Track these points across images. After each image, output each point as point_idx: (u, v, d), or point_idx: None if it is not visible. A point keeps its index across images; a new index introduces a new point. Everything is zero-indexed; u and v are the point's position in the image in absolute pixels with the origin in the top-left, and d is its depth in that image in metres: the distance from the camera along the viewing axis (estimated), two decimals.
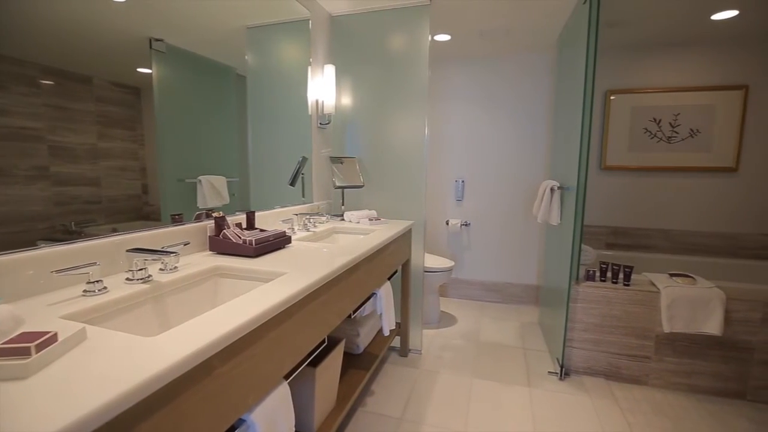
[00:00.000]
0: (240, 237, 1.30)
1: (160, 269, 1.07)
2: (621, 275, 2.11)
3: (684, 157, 2.82)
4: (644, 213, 2.97)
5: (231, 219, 1.47)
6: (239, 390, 0.77)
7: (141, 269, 0.98)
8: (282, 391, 0.95)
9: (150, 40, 1.18)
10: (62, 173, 0.96)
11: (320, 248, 1.45)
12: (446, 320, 2.97)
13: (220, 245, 1.32)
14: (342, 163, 2.28)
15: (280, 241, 1.43)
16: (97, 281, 0.88)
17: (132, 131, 1.15)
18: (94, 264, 0.88)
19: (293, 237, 1.67)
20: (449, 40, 2.78)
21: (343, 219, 2.21)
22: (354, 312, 1.51)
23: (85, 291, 0.87)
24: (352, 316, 1.51)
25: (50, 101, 0.92)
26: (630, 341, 2.07)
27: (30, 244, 0.88)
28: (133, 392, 0.52)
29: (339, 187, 2.24)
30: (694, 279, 2.03)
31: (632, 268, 2.10)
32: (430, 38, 2.22)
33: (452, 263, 2.85)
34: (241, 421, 0.84)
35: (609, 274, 2.15)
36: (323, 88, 2.22)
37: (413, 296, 2.41)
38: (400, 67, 2.26)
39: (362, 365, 1.90)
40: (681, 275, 2.07)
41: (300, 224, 1.89)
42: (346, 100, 2.40)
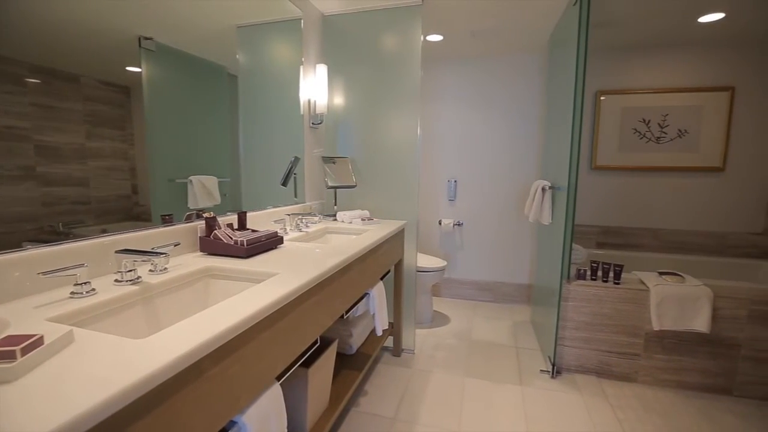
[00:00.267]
0: (231, 237, 1.29)
1: (150, 270, 1.06)
2: (611, 274, 2.14)
3: (672, 157, 2.87)
4: (634, 212, 3.01)
5: (222, 219, 1.46)
6: (231, 391, 0.77)
7: (130, 270, 0.97)
8: (274, 392, 0.94)
9: (139, 39, 1.17)
10: (49, 173, 0.94)
11: (313, 248, 1.44)
12: (439, 320, 2.98)
13: (211, 246, 1.30)
14: (334, 163, 2.27)
15: (272, 242, 1.42)
16: (85, 283, 0.87)
17: (121, 131, 1.13)
18: (82, 265, 0.87)
19: (285, 237, 1.66)
20: (441, 41, 2.79)
21: (336, 219, 2.21)
22: (347, 312, 1.50)
23: (73, 293, 0.86)
24: (345, 317, 1.51)
25: (37, 100, 0.91)
26: (620, 339, 2.10)
27: (16, 246, 0.86)
28: (122, 395, 0.51)
29: (331, 187, 2.24)
30: (683, 277, 2.06)
31: (622, 267, 2.12)
32: (423, 38, 2.22)
33: (445, 263, 2.86)
34: (233, 423, 0.84)
35: (599, 273, 2.17)
36: (315, 88, 2.21)
37: (406, 296, 2.41)
38: (393, 67, 2.26)
39: (355, 365, 1.89)
40: (670, 274, 2.10)
41: (292, 224, 1.88)
42: (339, 100, 2.39)
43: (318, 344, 1.25)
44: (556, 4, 2.18)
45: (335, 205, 2.34)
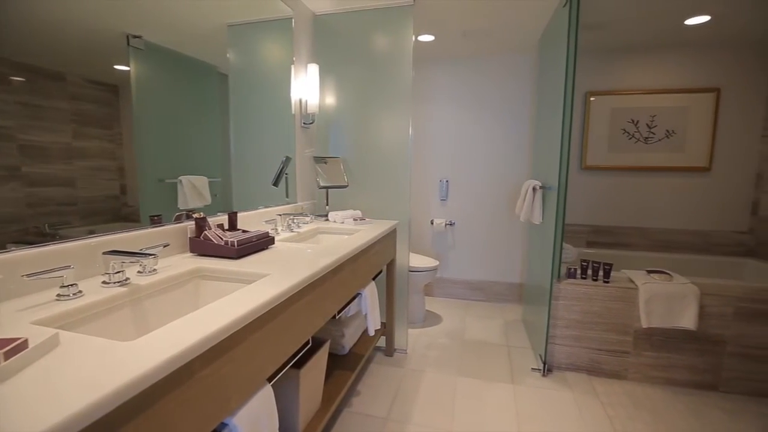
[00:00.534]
0: (222, 238, 1.28)
1: (139, 272, 1.04)
2: (601, 273, 2.16)
3: (660, 158, 2.91)
4: (623, 212, 3.04)
5: (212, 220, 1.45)
6: (221, 393, 0.76)
7: (118, 272, 0.95)
8: (265, 394, 0.94)
9: (127, 37, 1.15)
10: (35, 173, 0.93)
11: (304, 249, 1.44)
12: (431, 319, 2.98)
13: (201, 247, 1.29)
14: (326, 163, 2.27)
15: (263, 242, 1.41)
16: (72, 285, 0.85)
17: (109, 130, 1.12)
18: (68, 267, 0.86)
19: (277, 238, 1.65)
20: (433, 41, 2.80)
21: (328, 219, 2.20)
22: (339, 313, 1.50)
23: (59, 295, 0.84)
24: (337, 317, 1.50)
25: (21, 98, 0.89)
26: (610, 337, 2.12)
27: (0, 247, 0.85)
28: (108, 399, 0.50)
29: (323, 187, 2.23)
30: (671, 275, 2.09)
31: (612, 266, 2.15)
32: (414, 38, 2.22)
33: (437, 262, 2.87)
34: (224, 425, 0.83)
35: (589, 272, 2.19)
36: (307, 88, 2.20)
37: (398, 296, 2.41)
38: (384, 67, 2.26)
39: (348, 366, 1.89)
40: (658, 272, 2.13)
41: (284, 225, 1.87)
42: (330, 100, 2.39)
43: (310, 345, 1.24)
44: (547, 5, 2.20)
45: (327, 205, 2.34)
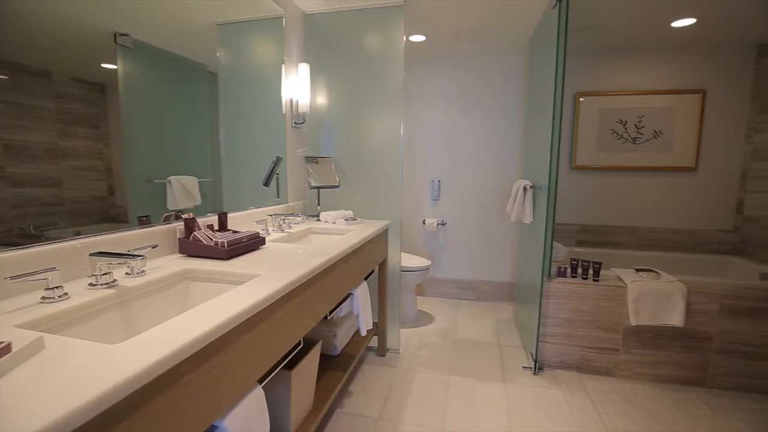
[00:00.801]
0: (211, 239, 1.27)
1: (127, 273, 1.03)
2: (590, 271, 2.19)
3: (648, 158, 2.95)
4: (612, 211, 3.08)
5: (202, 220, 1.43)
6: (211, 396, 0.76)
7: (105, 274, 0.94)
8: (256, 396, 0.93)
9: (115, 35, 1.14)
10: (19, 174, 0.91)
11: (295, 249, 1.43)
12: (423, 319, 2.99)
13: (191, 247, 1.28)
14: (317, 163, 2.26)
15: (254, 243, 1.40)
16: (57, 287, 0.84)
17: (96, 129, 1.10)
18: (54, 269, 0.84)
19: (267, 238, 1.64)
20: (424, 41, 2.81)
21: (319, 219, 2.19)
22: (330, 313, 1.50)
23: (44, 298, 0.82)
24: (329, 317, 1.50)
25: (5, 97, 0.88)
26: (599, 335, 2.15)
27: None
28: (93, 403, 0.49)
29: (314, 188, 2.22)
30: (658, 274, 2.12)
31: (601, 264, 2.18)
32: (405, 39, 2.23)
33: (429, 262, 2.88)
34: (214, 428, 0.82)
35: (579, 271, 2.22)
36: (298, 87, 2.19)
37: (390, 296, 2.41)
38: (376, 67, 2.26)
39: (340, 366, 1.89)
40: (646, 270, 2.17)
41: (275, 225, 1.86)
42: (321, 100, 2.38)
43: (301, 346, 1.24)
44: (537, 7, 2.22)
45: (318, 206, 2.33)
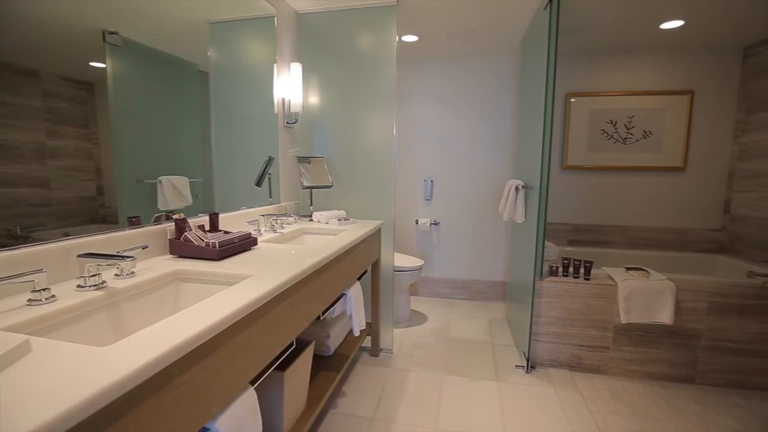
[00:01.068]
0: (202, 239, 1.26)
1: (116, 275, 1.02)
2: (582, 270, 2.21)
3: (637, 158, 2.99)
4: (603, 210, 3.12)
5: (193, 221, 1.42)
6: (202, 398, 0.75)
7: (94, 275, 0.92)
8: (248, 397, 0.93)
9: (103, 33, 1.12)
10: (6, 174, 0.89)
11: (288, 249, 1.42)
12: (417, 318, 3.00)
13: (182, 248, 1.27)
14: (310, 163, 2.25)
15: (246, 243, 1.39)
16: (44, 289, 0.82)
17: (85, 129, 1.08)
18: (41, 271, 0.83)
19: (260, 239, 1.63)
20: (417, 41, 2.81)
21: (312, 220, 2.19)
22: (323, 313, 1.49)
23: (30, 300, 0.81)
24: (322, 318, 1.50)
25: None
26: (591, 333, 2.17)
27: None
28: (81, 407, 0.49)
29: (307, 188, 2.21)
30: (648, 272, 2.15)
31: (592, 263, 2.20)
32: (398, 39, 2.23)
33: (422, 262, 2.88)
34: (205, 430, 0.81)
35: (571, 270, 2.24)
36: (290, 87, 2.19)
37: (383, 296, 2.41)
38: (368, 67, 2.26)
39: (333, 367, 1.88)
40: (636, 269, 2.19)
41: (267, 225, 1.85)
42: (314, 99, 2.37)
43: (294, 347, 1.23)
44: (528, 7, 2.23)
45: (311, 206, 2.32)
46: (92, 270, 0.92)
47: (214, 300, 0.86)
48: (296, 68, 2.17)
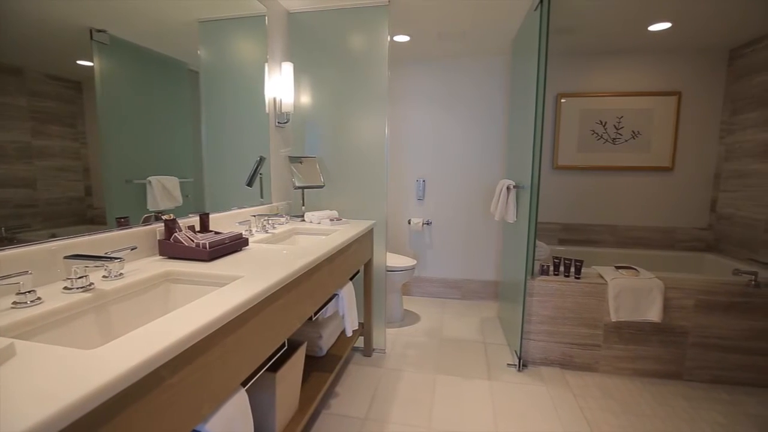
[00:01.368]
0: (193, 240, 1.24)
1: (104, 277, 1.00)
2: (572, 269, 2.23)
3: (627, 158, 3.03)
4: (593, 210, 3.15)
5: (183, 221, 1.41)
6: (192, 400, 0.74)
7: (81, 277, 0.91)
8: (239, 399, 0.92)
9: (91, 31, 1.10)
10: None
11: (279, 250, 1.42)
12: (409, 318, 3.00)
13: (171, 249, 1.25)
14: (301, 163, 2.24)
15: (237, 244, 1.38)
16: (30, 291, 0.81)
17: (72, 128, 1.07)
18: (26, 273, 0.81)
19: (251, 239, 1.62)
20: (408, 41, 2.81)
21: (304, 220, 2.18)
22: (315, 314, 1.49)
23: (15, 303, 0.79)
24: (314, 318, 1.49)
25: None
26: (581, 331, 2.19)
27: None
28: (67, 411, 0.48)
29: (299, 188, 2.20)
30: (637, 271, 2.17)
31: (582, 262, 2.22)
32: (389, 39, 2.23)
33: (414, 262, 2.89)
34: None
35: (561, 269, 2.26)
36: (281, 86, 2.17)
37: (376, 295, 2.41)
38: (360, 67, 2.26)
39: (325, 367, 1.88)
40: (626, 267, 2.22)
41: (258, 226, 1.84)
42: (305, 99, 2.36)
43: (286, 347, 1.23)
44: (519, 8, 2.25)
45: (303, 206, 2.31)
46: (79, 272, 0.91)
47: (205, 301, 0.85)
48: (287, 68, 2.16)
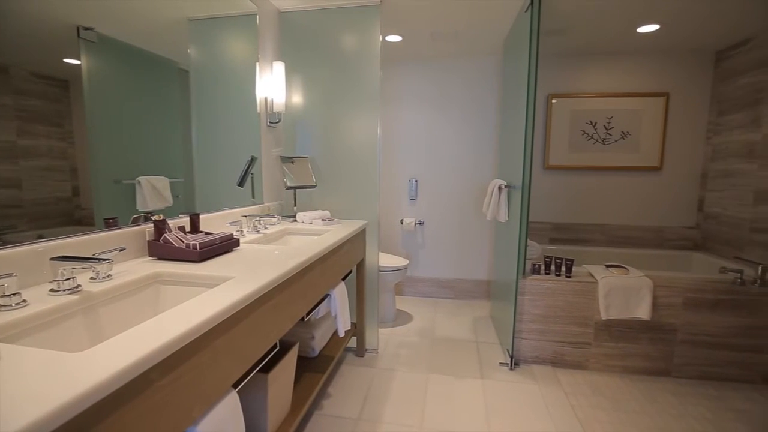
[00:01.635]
0: (183, 241, 1.23)
1: (92, 278, 0.99)
2: (563, 268, 2.25)
3: (616, 158, 3.06)
4: (583, 209, 3.18)
5: (173, 222, 1.39)
6: (182, 403, 0.73)
7: (68, 279, 0.89)
8: (230, 401, 0.91)
9: (78, 29, 1.09)
10: None
11: (271, 250, 1.41)
12: (402, 318, 3.00)
13: (161, 250, 1.24)
14: (293, 163, 2.23)
15: (228, 244, 1.37)
16: (14, 294, 0.79)
17: (59, 128, 1.05)
18: (11, 275, 0.80)
19: (242, 240, 1.61)
20: (400, 41, 2.82)
21: (296, 220, 2.17)
22: (308, 315, 1.48)
23: None
24: (306, 319, 1.48)
25: None
26: (572, 329, 2.21)
27: None
28: (53, 415, 0.47)
29: (290, 188, 2.19)
30: (627, 269, 2.20)
31: (573, 261, 2.24)
32: (381, 39, 2.23)
33: (407, 261, 2.89)
34: None
35: (552, 268, 2.28)
36: (272, 86, 2.16)
37: (368, 296, 2.41)
38: (352, 67, 2.25)
39: (318, 368, 1.87)
40: (615, 266, 2.25)
41: (249, 226, 1.83)
42: (297, 99, 2.35)
43: (278, 348, 1.22)
44: (511, 9, 2.26)
45: (295, 206, 2.30)
46: (66, 273, 0.89)
47: (195, 302, 0.85)
48: (279, 67, 2.15)
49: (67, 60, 1.07)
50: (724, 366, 2.12)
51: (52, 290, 0.88)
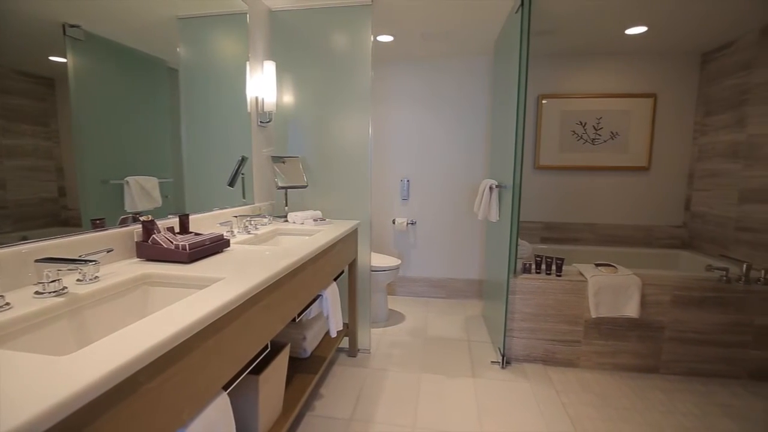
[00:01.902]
0: (172, 242, 1.22)
1: (78, 280, 0.97)
2: (554, 267, 2.27)
3: (606, 158, 3.10)
4: (573, 209, 3.22)
5: (162, 223, 1.37)
6: (171, 406, 0.72)
7: (54, 281, 0.88)
8: (221, 403, 0.90)
9: (64, 26, 1.07)
10: None
11: (262, 251, 1.40)
12: (394, 318, 3.00)
13: (150, 251, 1.22)
14: (284, 163, 2.22)
15: (218, 245, 1.36)
16: None
17: (45, 127, 1.03)
18: None
19: (233, 240, 1.59)
20: (392, 41, 2.82)
21: (287, 220, 2.16)
22: (299, 315, 1.47)
23: None
24: (297, 320, 1.48)
25: None
26: (562, 327, 2.24)
27: None
28: (38, 420, 0.46)
29: (282, 188, 2.18)
30: (616, 268, 2.23)
31: (563, 260, 2.26)
32: (373, 38, 2.23)
33: (399, 261, 2.90)
34: None
35: (543, 267, 2.30)
36: (263, 85, 2.15)
37: (360, 296, 2.41)
38: (343, 67, 2.25)
39: (310, 369, 1.86)
40: (605, 265, 2.27)
41: (240, 227, 1.81)
42: (288, 98, 2.34)
43: (269, 350, 1.21)
44: (501, 9, 2.28)
45: (286, 206, 2.29)
46: (52, 275, 0.88)
47: (184, 304, 0.84)
48: (269, 66, 2.13)
49: (53, 58, 1.05)
50: (711, 362, 2.16)
51: (37, 293, 0.87)
